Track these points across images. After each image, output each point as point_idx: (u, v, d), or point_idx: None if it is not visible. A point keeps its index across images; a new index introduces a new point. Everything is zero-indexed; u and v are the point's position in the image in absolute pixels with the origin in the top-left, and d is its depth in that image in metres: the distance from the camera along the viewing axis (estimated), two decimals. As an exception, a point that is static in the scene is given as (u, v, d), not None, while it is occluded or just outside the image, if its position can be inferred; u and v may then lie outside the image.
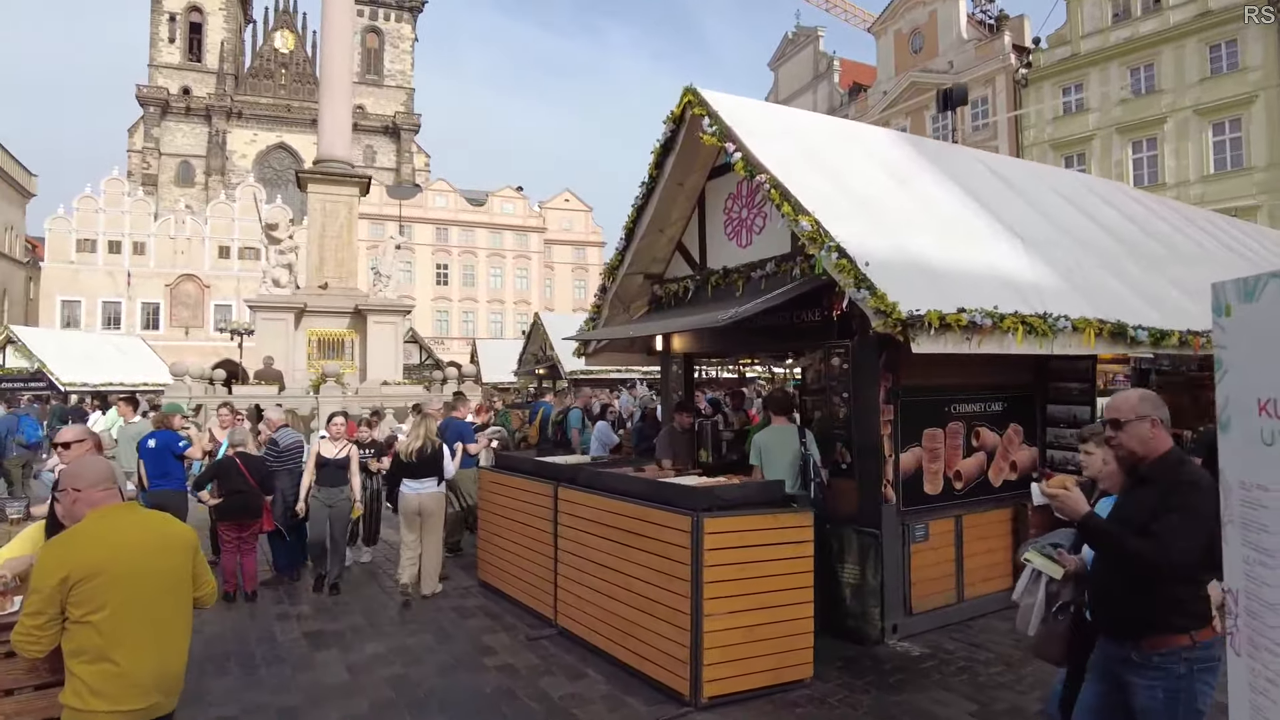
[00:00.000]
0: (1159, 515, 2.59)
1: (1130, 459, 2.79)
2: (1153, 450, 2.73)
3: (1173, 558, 2.53)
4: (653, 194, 7.60)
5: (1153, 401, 2.76)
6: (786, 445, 6.31)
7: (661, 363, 8.45)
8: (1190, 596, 2.65)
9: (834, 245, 5.48)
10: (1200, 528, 2.51)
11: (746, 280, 7.06)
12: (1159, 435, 2.72)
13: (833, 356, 6.30)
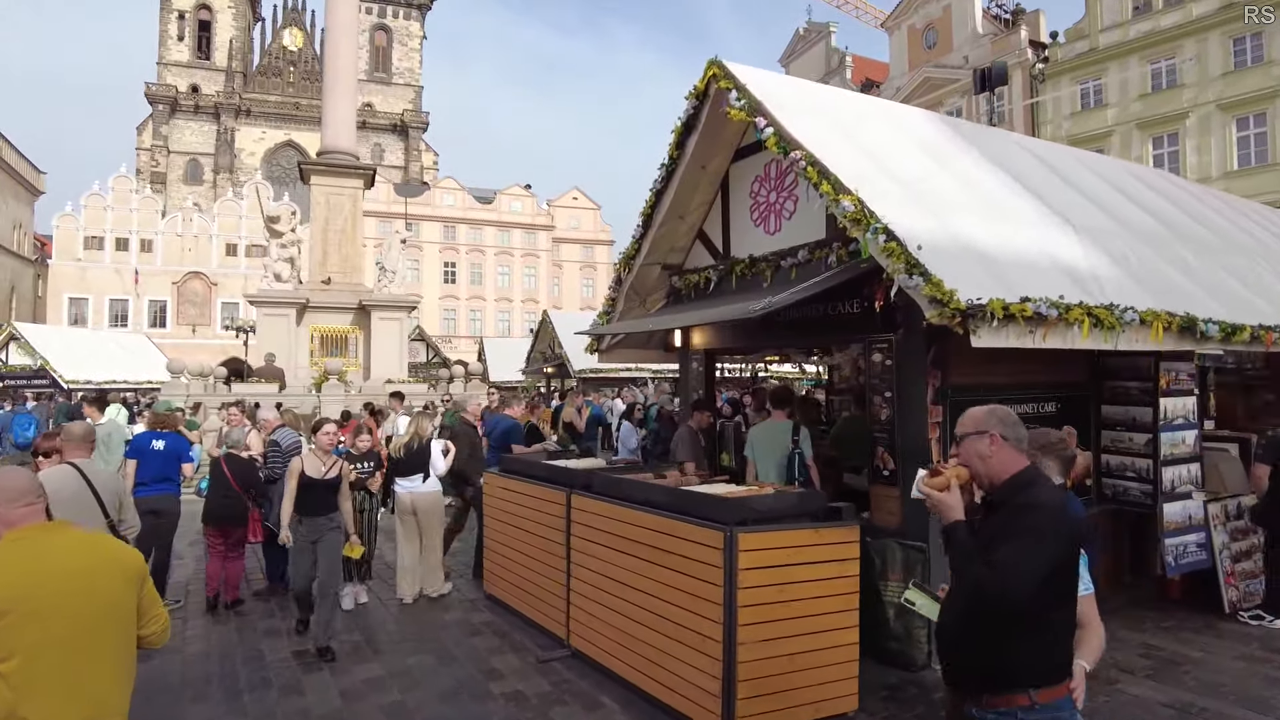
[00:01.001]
0: (1000, 543, 2.26)
1: (981, 482, 2.47)
2: (995, 470, 2.42)
3: (1009, 587, 2.18)
4: (673, 177, 7.05)
5: (999, 417, 2.47)
6: (778, 441, 6.38)
7: (680, 360, 7.89)
8: (1035, 646, 2.29)
9: (881, 227, 4.92)
10: (1040, 555, 2.21)
11: (775, 269, 6.50)
12: (1001, 453, 2.41)
13: (874, 352, 5.74)
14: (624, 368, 21.47)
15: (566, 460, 6.53)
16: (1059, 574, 2.26)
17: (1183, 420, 6.32)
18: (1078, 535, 2.36)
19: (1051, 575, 2.22)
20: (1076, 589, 2.39)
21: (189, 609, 7.01)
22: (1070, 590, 2.35)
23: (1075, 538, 2.34)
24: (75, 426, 4.49)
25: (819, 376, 11.61)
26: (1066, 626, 2.39)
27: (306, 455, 6.02)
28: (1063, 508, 2.34)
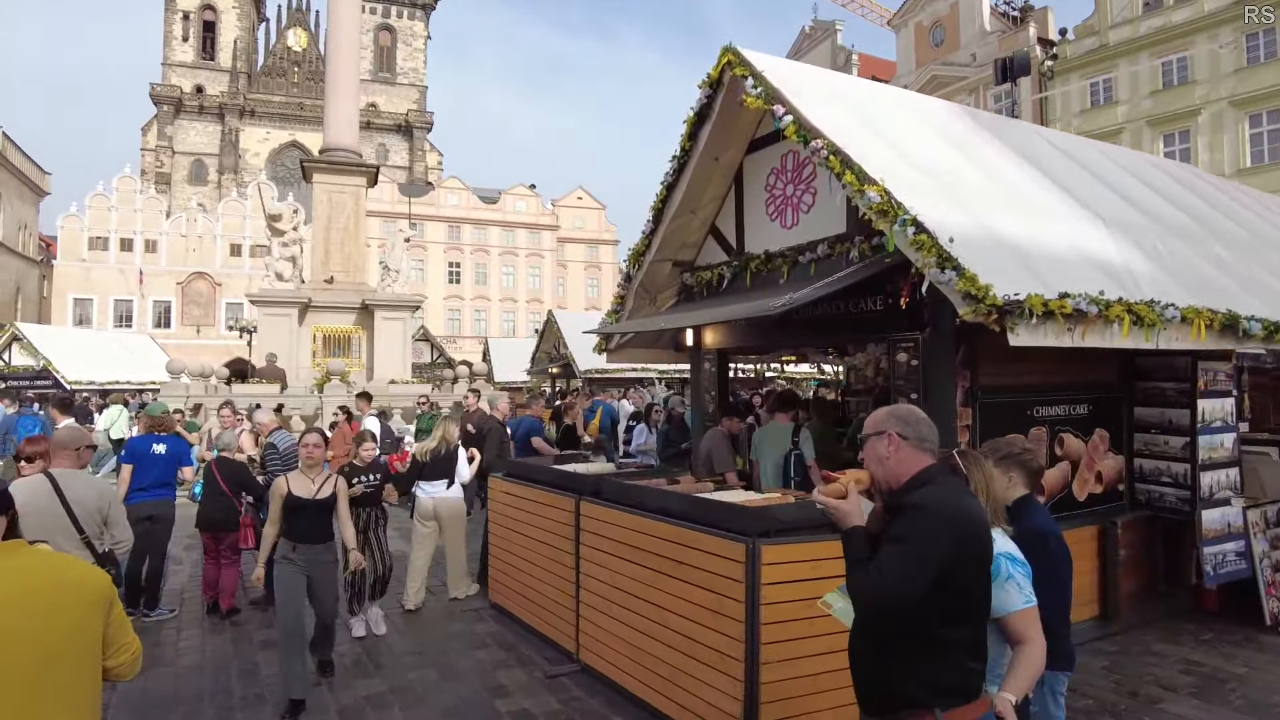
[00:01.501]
0: (883, 548, 2.15)
1: (880, 485, 2.35)
2: (893, 472, 2.29)
3: (881, 593, 2.07)
4: (684, 170, 6.78)
5: (898, 416, 2.36)
6: (779, 443, 6.42)
7: (692, 360, 7.62)
8: (933, 661, 2.14)
9: (909, 219, 4.64)
10: (923, 558, 2.06)
11: (793, 265, 6.22)
12: (900, 454, 2.28)
13: (899, 351, 5.47)
14: (630, 368, 21.18)
15: (574, 464, 6.26)
16: (947, 580, 2.09)
17: (1221, 423, 6.03)
18: (974, 538, 2.17)
19: (938, 582, 2.07)
20: (980, 598, 2.22)
21: (183, 618, 6.77)
22: (968, 600, 2.17)
23: (968, 540, 2.15)
24: (62, 431, 4.19)
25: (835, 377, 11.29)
26: (972, 639, 2.21)
27: (291, 475, 5.08)
28: (951, 509, 2.15)
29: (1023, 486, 3.10)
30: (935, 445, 2.34)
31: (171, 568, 8.31)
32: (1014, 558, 2.47)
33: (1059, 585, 2.96)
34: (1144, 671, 5.23)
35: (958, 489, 2.30)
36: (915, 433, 2.30)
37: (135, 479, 6.57)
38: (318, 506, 5.01)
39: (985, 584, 2.23)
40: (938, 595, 2.08)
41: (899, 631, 2.16)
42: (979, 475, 2.61)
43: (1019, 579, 2.42)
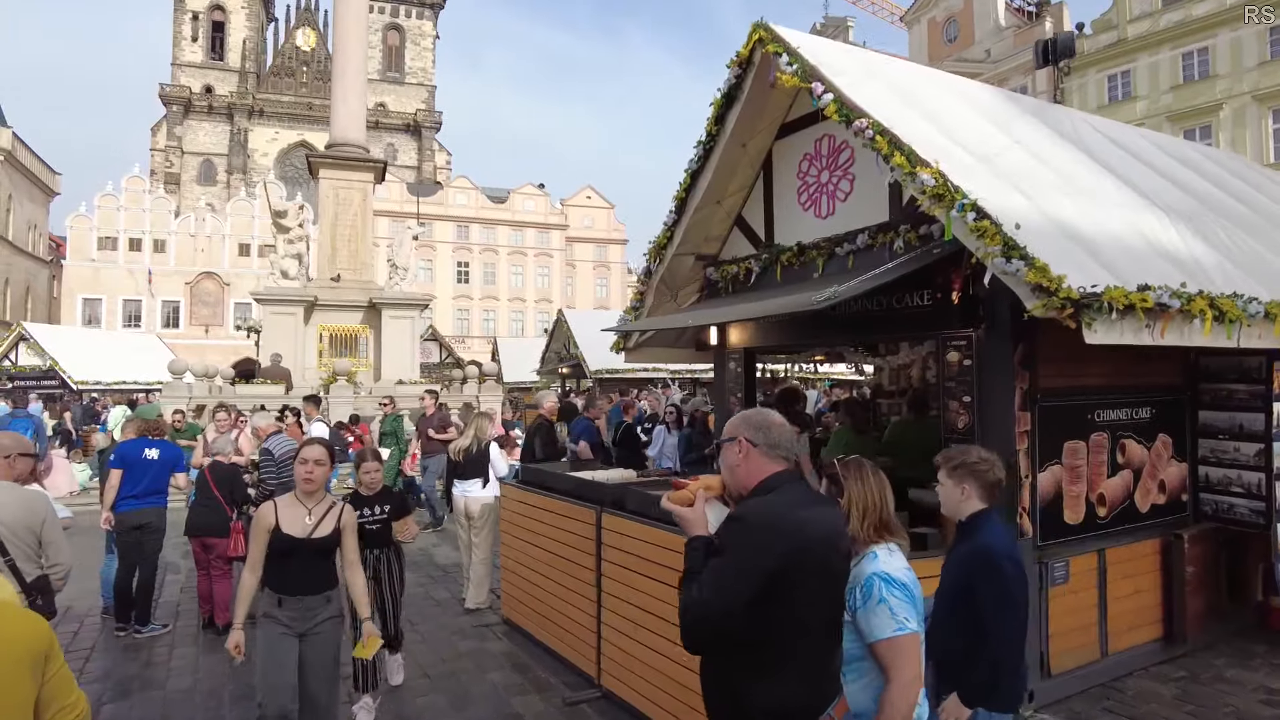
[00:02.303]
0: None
1: (731, 493, 2.25)
2: (742, 480, 2.19)
3: (701, 606, 1.98)
4: (710, 156, 6.33)
5: (750, 421, 2.23)
6: None
7: (716, 359, 7.17)
8: (766, 682, 2.01)
9: (969, 203, 4.19)
10: (740, 572, 1.97)
11: (829, 257, 5.78)
12: (748, 461, 2.17)
13: (950, 350, 5.01)
14: (643, 368, 20.74)
15: (594, 472, 5.83)
16: (777, 596, 1.96)
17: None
18: (807, 550, 2.00)
19: (766, 597, 1.94)
20: (827, 617, 2.08)
21: (178, 633, 6.37)
22: (805, 617, 2.01)
23: (800, 553, 1.99)
24: (3, 438, 3.68)
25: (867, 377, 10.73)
26: (815, 659, 2.06)
27: (282, 502, 3.71)
28: (774, 519, 2.02)
29: (978, 500, 2.77)
30: (789, 452, 2.18)
31: (169, 577, 7.95)
32: (891, 579, 2.24)
33: (1010, 612, 2.63)
34: (1220, 700, 4.77)
35: (797, 499, 2.10)
36: (765, 439, 2.17)
37: (126, 485, 6.19)
38: (315, 548, 3.63)
39: (830, 602, 2.09)
40: (768, 611, 1.96)
41: (733, 648, 2.03)
42: (857, 488, 2.42)
43: (894, 604, 2.20)
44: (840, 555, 2.13)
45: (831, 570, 2.08)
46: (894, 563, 2.31)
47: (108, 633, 6.35)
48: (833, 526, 2.14)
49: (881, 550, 2.33)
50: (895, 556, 2.34)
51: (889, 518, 2.41)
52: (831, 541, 2.09)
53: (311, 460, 3.71)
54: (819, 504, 2.19)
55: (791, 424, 5.39)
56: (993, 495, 2.80)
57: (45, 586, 3.46)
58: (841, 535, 2.18)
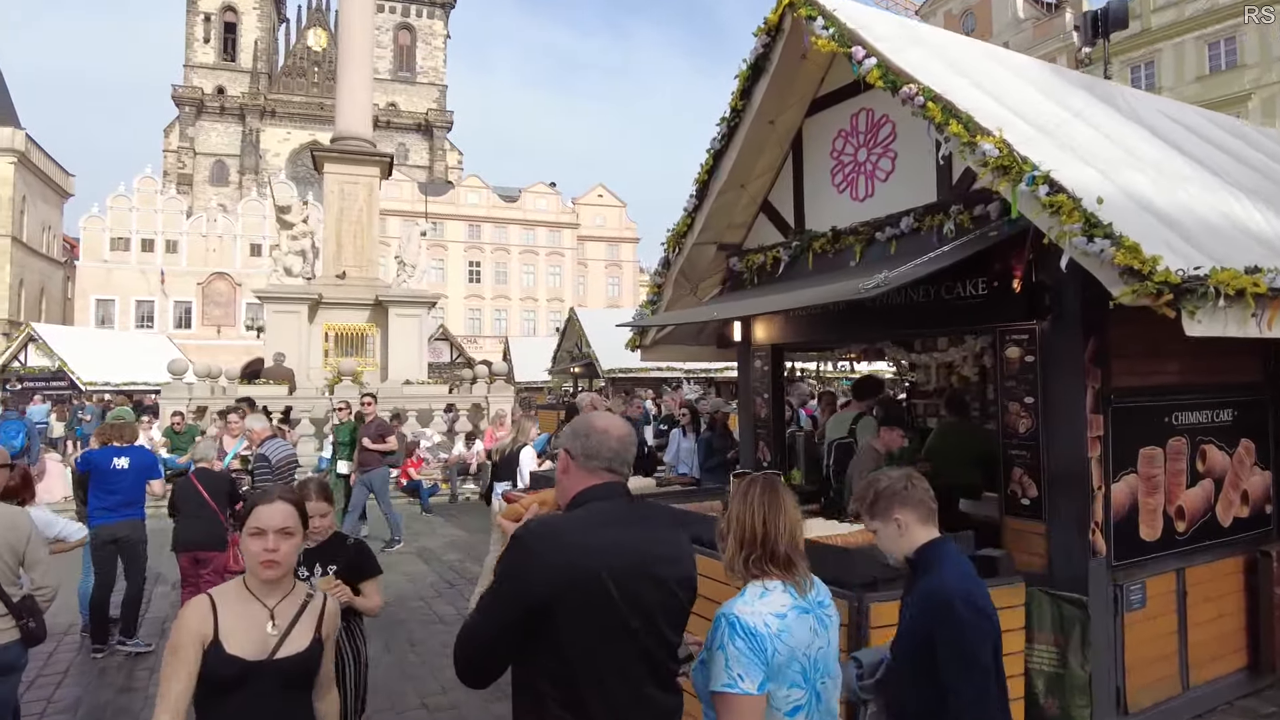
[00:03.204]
0: None
1: (560, 507, 2.07)
2: (563, 496, 2.01)
3: (462, 637, 1.82)
4: (735, 135, 5.80)
5: (575, 430, 2.03)
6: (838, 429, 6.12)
7: (740, 357, 6.63)
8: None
9: (1042, 175, 3.65)
10: (498, 599, 1.78)
11: (868, 243, 5.23)
12: (568, 476, 1.99)
13: (1009, 345, 4.45)
14: (656, 367, 20.22)
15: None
16: (543, 629, 1.75)
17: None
18: (589, 577, 1.75)
19: (533, 630, 1.75)
20: (606, 657, 1.77)
21: (160, 655, 5.89)
22: (577, 656, 1.75)
23: (575, 581, 1.75)
24: None
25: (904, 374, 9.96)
26: (599, 707, 1.75)
27: (225, 595, 2.26)
28: (546, 541, 1.81)
29: (919, 527, 2.31)
30: (612, 463, 1.96)
31: (158, 589, 7.49)
32: (739, 625, 1.87)
33: (968, 664, 2.12)
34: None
35: (597, 518, 1.87)
36: (584, 449, 1.97)
37: (97, 497, 5.71)
38: (283, 676, 2.21)
39: (626, 641, 1.79)
40: (538, 645, 1.75)
41: (514, 688, 1.84)
42: (737, 510, 2.05)
43: (732, 655, 1.86)
44: (658, 584, 1.83)
45: (636, 602, 1.78)
46: (757, 606, 1.91)
47: (85, 653, 5.89)
48: (644, 551, 1.84)
49: (753, 589, 1.95)
50: (767, 599, 1.93)
51: (782, 550, 1.98)
52: (639, 569, 1.80)
53: (273, 530, 2.23)
54: (633, 524, 1.90)
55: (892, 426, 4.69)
56: (930, 515, 2.32)
57: (34, 608, 3.29)
58: (664, 561, 1.87)
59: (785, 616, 1.89)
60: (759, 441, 6.25)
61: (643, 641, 1.80)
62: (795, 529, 2.02)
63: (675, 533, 2.00)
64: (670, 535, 1.97)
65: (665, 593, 1.84)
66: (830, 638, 2.03)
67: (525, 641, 1.75)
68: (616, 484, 1.95)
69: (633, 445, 2.02)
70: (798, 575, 1.98)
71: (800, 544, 2.03)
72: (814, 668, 1.93)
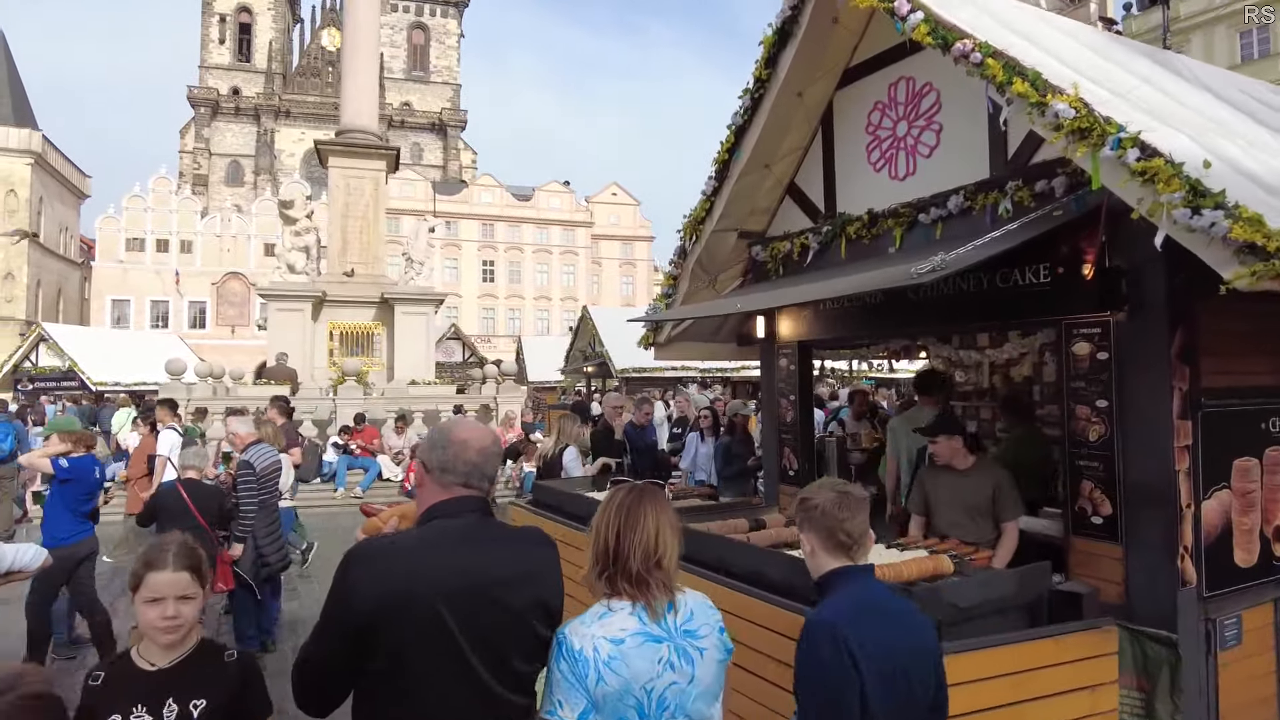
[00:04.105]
0: None
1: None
2: (420, 508, 1.90)
3: (297, 664, 1.76)
4: (759, 108, 5.24)
5: (431, 440, 1.92)
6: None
7: (763, 355, 6.06)
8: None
9: (1130, 137, 3.07)
10: (325, 621, 1.69)
11: (909, 226, 4.67)
12: (423, 489, 1.90)
13: (1076, 340, 3.87)
14: (671, 366, 19.68)
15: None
16: (368, 652, 1.63)
17: None
18: (409, 596, 1.62)
19: (359, 653, 1.63)
20: (448, 684, 1.66)
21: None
22: (412, 688, 1.64)
23: (396, 599, 1.62)
24: None
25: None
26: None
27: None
28: (373, 560, 1.68)
29: (824, 555, 2.03)
30: (472, 478, 1.86)
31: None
32: (564, 645, 1.74)
33: (821, 711, 1.84)
34: None
35: (438, 536, 1.78)
36: (439, 462, 1.87)
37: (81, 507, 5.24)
38: None
39: (452, 667, 1.67)
40: (368, 672, 1.65)
41: (352, 714, 1.74)
42: (596, 519, 1.91)
43: (556, 678, 1.74)
44: (503, 610, 1.73)
45: (473, 628, 1.68)
46: (593, 628, 1.74)
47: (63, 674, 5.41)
48: (487, 574, 1.74)
49: (596, 609, 1.80)
50: (606, 621, 1.75)
51: (635, 568, 1.78)
52: (479, 593, 1.71)
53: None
54: (480, 544, 1.80)
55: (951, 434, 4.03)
56: (838, 545, 2.00)
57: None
58: (512, 584, 1.76)
59: (622, 643, 1.70)
60: (784, 448, 5.69)
61: (479, 671, 1.69)
62: (656, 546, 1.80)
63: (534, 553, 1.87)
64: (525, 556, 1.85)
65: (511, 618, 1.73)
66: (697, 674, 1.77)
67: (355, 667, 1.66)
68: (471, 499, 1.84)
69: (496, 458, 1.90)
70: (653, 597, 1.77)
71: (666, 563, 1.80)
72: (657, 705, 1.69)
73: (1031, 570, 2.84)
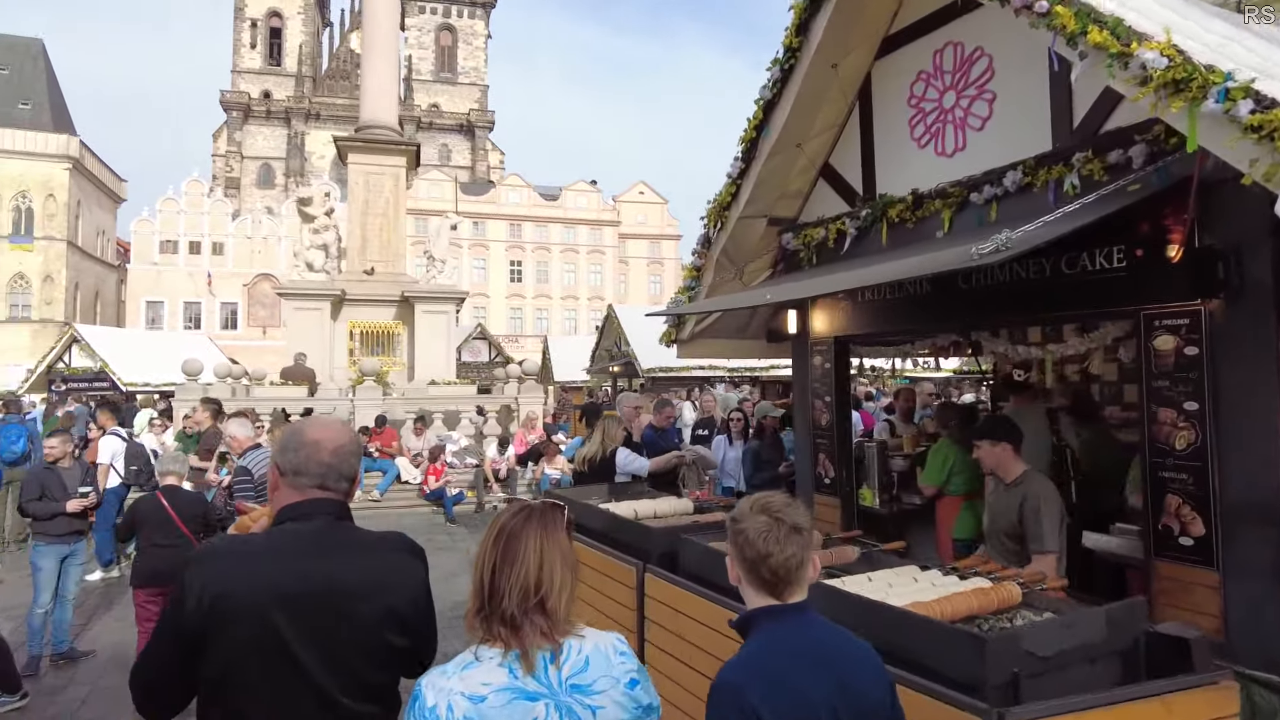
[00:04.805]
0: None
1: None
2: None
3: (137, 661, 1.78)
4: (789, 81, 4.77)
5: (282, 443, 1.86)
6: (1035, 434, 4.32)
7: (795, 352, 5.58)
8: None
9: (1240, 86, 2.57)
10: (161, 629, 1.66)
11: (959, 207, 4.17)
12: (276, 492, 1.83)
13: (1159, 332, 3.36)
14: (698, 366, 19.18)
15: (638, 502, 4.32)
16: (199, 662, 1.59)
17: None
18: (228, 596, 1.58)
19: (186, 665, 1.60)
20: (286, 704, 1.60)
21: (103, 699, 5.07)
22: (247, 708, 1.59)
23: (224, 600, 1.58)
24: None
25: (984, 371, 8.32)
26: None
27: None
28: (202, 563, 1.65)
29: (749, 588, 1.74)
30: (326, 480, 1.77)
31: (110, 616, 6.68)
32: (417, 699, 1.45)
33: None
34: None
35: (278, 542, 1.71)
36: (291, 464, 1.78)
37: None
38: None
39: (286, 677, 1.59)
40: (203, 678, 1.61)
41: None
42: (478, 549, 1.63)
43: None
44: (346, 618, 1.64)
45: (313, 638, 1.60)
46: (451, 681, 1.46)
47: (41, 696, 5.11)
48: (332, 581, 1.64)
49: (463, 656, 1.54)
50: (470, 672, 1.48)
51: (510, 610, 1.52)
52: (322, 601, 1.62)
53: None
54: (327, 550, 1.70)
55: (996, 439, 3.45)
56: (761, 582, 1.69)
57: None
58: (358, 592, 1.66)
59: (483, 700, 1.44)
60: (819, 453, 5.22)
61: (320, 681, 1.62)
62: (539, 583, 1.53)
63: (390, 559, 1.78)
64: (379, 563, 1.76)
65: (358, 627, 1.66)
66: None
67: (189, 673, 1.61)
68: (324, 502, 1.77)
69: (353, 458, 1.84)
70: (529, 645, 1.50)
71: (551, 604, 1.53)
72: None
73: (1124, 609, 2.35)
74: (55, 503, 5.16)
